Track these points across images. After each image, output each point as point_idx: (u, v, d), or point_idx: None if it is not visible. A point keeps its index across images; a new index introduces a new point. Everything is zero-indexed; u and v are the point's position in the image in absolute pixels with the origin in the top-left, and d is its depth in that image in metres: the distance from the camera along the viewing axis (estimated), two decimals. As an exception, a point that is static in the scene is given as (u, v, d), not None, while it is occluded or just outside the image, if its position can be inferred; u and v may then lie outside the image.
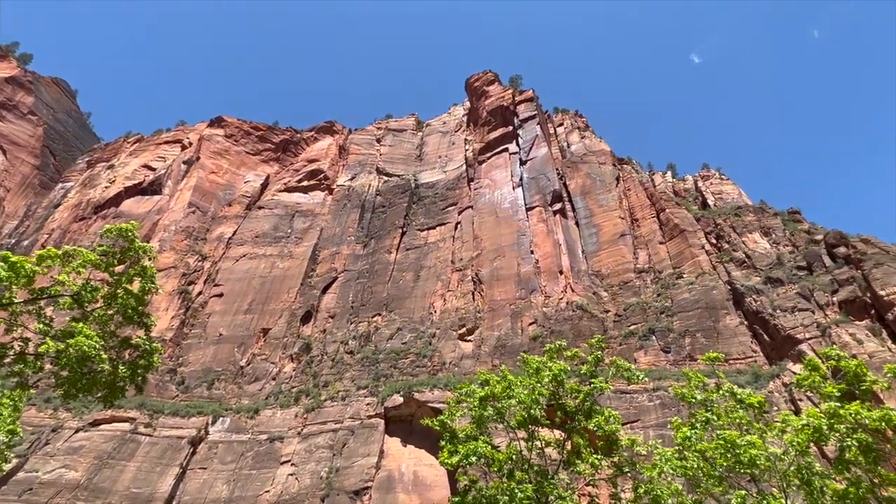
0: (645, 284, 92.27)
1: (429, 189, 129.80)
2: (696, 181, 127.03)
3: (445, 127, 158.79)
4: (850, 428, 23.59)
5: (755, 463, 22.05)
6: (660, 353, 78.33)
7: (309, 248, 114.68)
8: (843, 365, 26.48)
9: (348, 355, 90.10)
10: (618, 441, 25.86)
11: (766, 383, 65.53)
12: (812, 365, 27.19)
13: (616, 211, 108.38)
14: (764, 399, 27.35)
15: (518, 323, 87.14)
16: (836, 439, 24.38)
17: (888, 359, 59.37)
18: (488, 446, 24.60)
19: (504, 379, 27.63)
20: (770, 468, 22.91)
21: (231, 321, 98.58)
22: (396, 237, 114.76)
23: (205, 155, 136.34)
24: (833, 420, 23.23)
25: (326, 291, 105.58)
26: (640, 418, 65.22)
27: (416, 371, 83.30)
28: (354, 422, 74.52)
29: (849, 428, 23.58)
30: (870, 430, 24.43)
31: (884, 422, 24.04)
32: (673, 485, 24.08)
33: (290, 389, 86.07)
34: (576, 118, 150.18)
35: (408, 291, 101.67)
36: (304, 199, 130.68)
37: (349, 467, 67.74)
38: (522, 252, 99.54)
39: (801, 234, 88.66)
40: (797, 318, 71.18)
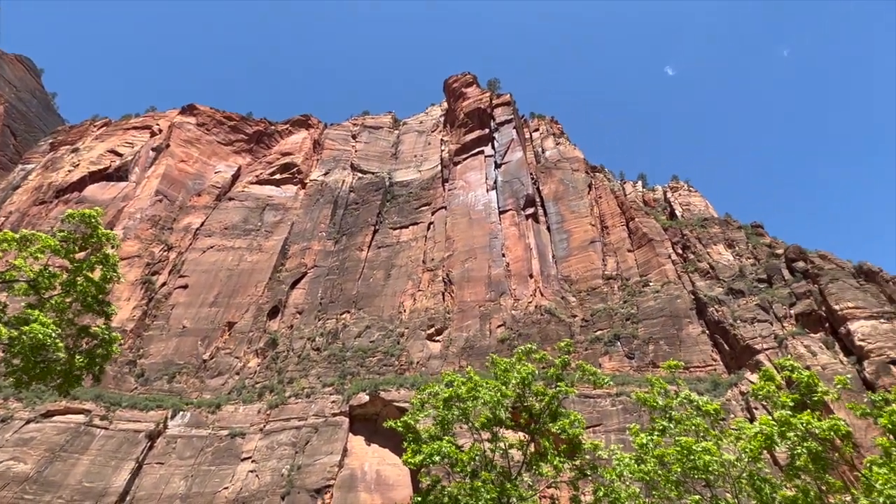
0: (612, 291, 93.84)
1: (403, 188, 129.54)
2: (665, 192, 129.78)
3: (422, 126, 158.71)
4: (801, 436, 24.44)
5: (709, 469, 22.68)
6: (624, 359, 79.77)
7: (279, 243, 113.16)
8: (797, 376, 27.41)
9: (315, 352, 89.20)
10: (580, 444, 26.26)
11: (725, 391, 67.36)
12: (768, 375, 28.06)
13: (587, 218, 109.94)
14: (721, 407, 28.12)
15: (487, 325, 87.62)
16: (788, 447, 25.22)
17: (839, 371, 61.68)
18: (452, 446, 24.67)
19: (469, 380, 27.75)
20: (724, 474, 23.59)
21: (195, 314, 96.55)
22: (368, 235, 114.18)
23: (175, 143, 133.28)
24: (785, 428, 24.04)
25: (295, 287, 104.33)
26: (603, 422, 66.28)
27: (383, 370, 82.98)
28: (319, 419, 73.79)
29: (799, 436, 24.43)
30: (819, 438, 25.34)
31: (833, 431, 24.97)
32: (631, 488, 24.58)
33: (253, 385, 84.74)
34: (551, 124, 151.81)
35: (378, 290, 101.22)
36: (276, 193, 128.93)
37: (311, 465, 67.05)
38: (494, 255, 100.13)
39: (762, 248, 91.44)
40: (756, 329, 73.35)
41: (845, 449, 28.07)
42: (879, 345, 63.10)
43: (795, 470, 24.86)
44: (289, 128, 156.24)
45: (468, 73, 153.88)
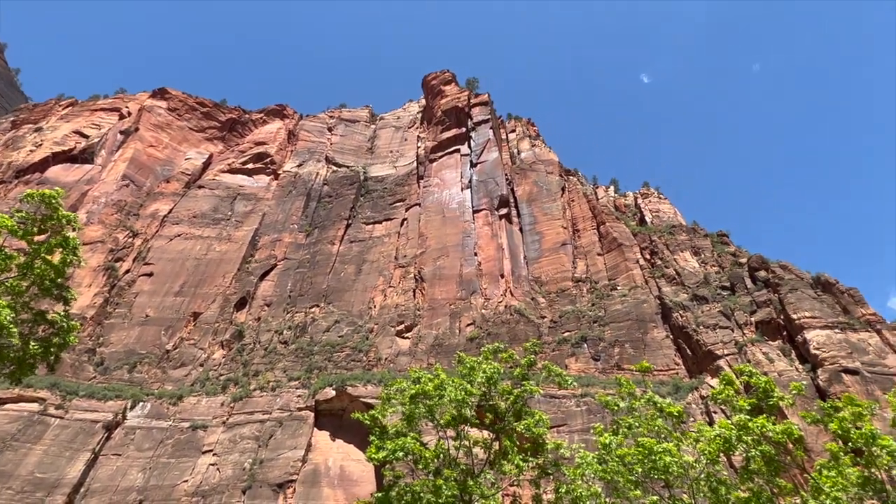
0: (581, 293, 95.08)
1: (378, 183, 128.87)
2: (636, 198, 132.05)
3: (399, 122, 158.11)
4: (756, 440, 25.21)
5: (669, 470, 23.22)
6: (590, 361, 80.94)
7: (249, 233, 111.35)
8: (755, 381, 28.26)
9: (282, 345, 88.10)
10: (544, 444, 26.58)
11: (686, 395, 68.97)
12: (727, 380, 28.86)
13: (559, 220, 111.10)
14: (682, 409, 28.81)
15: (456, 323, 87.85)
16: (743, 450, 25.99)
17: (795, 378, 63.78)
18: (417, 443, 24.69)
19: (436, 377, 27.80)
20: (683, 475, 24.18)
21: (160, 303, 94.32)
22: (341, 229, 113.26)
23: (144, 127, 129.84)
24: (741, 432, 24.77)
25: (264, 279, 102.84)
26: (567, 423, 67.17)
27: (350, 365, 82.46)
28: (283, 413, 72.93)
29: (755, 440, 25.20)
30: (773, 442, 26.18)
31: (786, 435, 25.84)
32: (592, 487, 25.00)
33: (217, 377, 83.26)
34: (528, 126, 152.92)
35: (348, 284, 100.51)
36: (248, 182, 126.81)
37: (274, 459, 66.25)
38: (466, 253, 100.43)
39: (727, 256, 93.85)
40: (718, 335, 75.30)
41: (797, 453, 29.09)
42: (833, 354, 65.45)
43: (750, 472, 25.63)
44: (263, 117, 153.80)
45: (447, 70, 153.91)
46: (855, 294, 74.88)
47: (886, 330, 68.97)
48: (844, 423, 25.71)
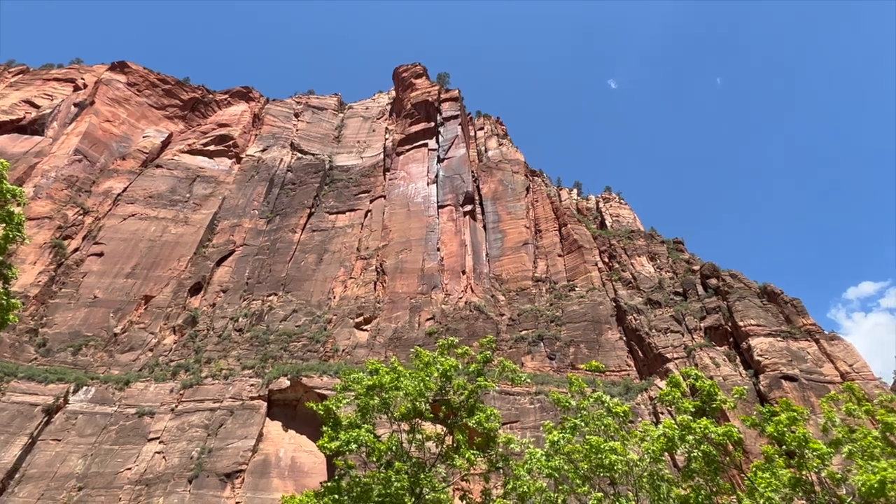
0: (540, 293, 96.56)
1: (343, 172, 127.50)
2: (598, 202, 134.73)
3: (368, 112, 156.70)
4: (698, 440, 26.21)
5: (614, 467, 23.92)
6: (545, 360, 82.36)
7: (208, 217, 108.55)
8: (700, 384, 29.35)
9: (237, 333, 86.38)
10: (495, 439, 26.97)
11: (636, 395, 71.05)
12: (674, 382, 29.84)
13: (523, 220, 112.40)
14: (630, 409, 29.68)
15: (416, 317, 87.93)
16: (686, 450, 26.98)
17: (738, 382, 66.49)
18: (370, 435, 24.67)
19: (393, 370, 27.81)
20: (627, 472, 24.95)
21: (109, 284, 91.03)
22: (303, 217, 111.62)
23: (101, 100, 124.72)
24: (685, 432, 25.70)
25: (221, 264, 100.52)
26: (520, 419, 68.24)
27: (307, 355, 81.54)
28: (235, 402, 71.57)
29: (697, 440, 26.18)
30: (714, 443, 27.28)
31: (727, 437, 26.94)
32: (539, 482, 25.52)
33: (168, 363, 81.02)
34: (496, 125, 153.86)
35: (308, 274, 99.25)
36: (209, 165, 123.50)
37: (223, 449, 65.00)
38: (429, 248, 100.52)
39: (681, 263, 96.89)
40: (669, 339, 77.76)
41: (736, 454, 30.37)
42: (774, 361, 68.50)
43: (690, 471, 26.61)
44: (228, 98, 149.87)
45: (419, 63, 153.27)
46: (798, 304, 78.47)
47: (824, 340, 72.58)
48: (780, 427, 26.96)
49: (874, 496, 23.08)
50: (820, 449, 25.39)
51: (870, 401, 31.58)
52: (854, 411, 29.21)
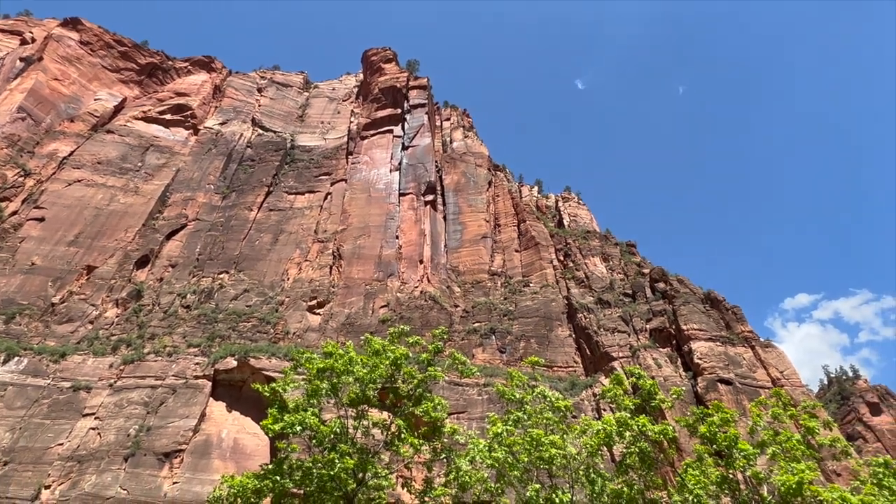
0: (495, 286, 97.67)
1: (305, 153, 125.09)
2: (557, 201, 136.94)
3: (334, 94, 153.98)
4: (635, 437, 27.27)
5: (553, 460, 24.66)
6: (496, 353, 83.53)
7: (160, 188, 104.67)
8: (641, 383, 30.48)
9: (184, 309, 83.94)
10: (441, 429, 27.33)
11: (580, 392, 73.02)
12: (617, 380, 30.90)
13: (483, 213, 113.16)
14: (573, 405, 30.59)
15: (371, 304, 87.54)
16: (624, 445, 28.03)
17: (678, 383, 69.25)
18: (316, 418, 24.58)
19: (346, 355, 27.72)
20: (565, 466, 25.75)
21: (49, 251, 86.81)
22: (261, 195, 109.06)
23: (50, 57, 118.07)
24: (623, 428, 26.71)
25: (171, 238, 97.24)
26: (468, 410, 69.13)
27: (256, 336, 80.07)
28: (178, 380, 69.68)
29: (634, 436, 27.25)
30: (651, 440, 28.42)
31: (662, 434, 28.11)
32: (480, 473, 26.06)
33: (108, 336, 78.07)
34: (463, 116, 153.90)
35: (263, 253, 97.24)
36: (164, 134, 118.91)
37: (163, 428, 63.30)
38: (388, 235, 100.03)
39: (632, 265, 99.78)
40: (615, 338, 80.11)
41: (670, 452, 31.75)
42: (712, 364, 71.62)
43: (626, 466, 27.70)
44: (188, 67, 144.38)
45: (389, 48, 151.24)
46: (738, 311, 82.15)
47: (759, 347, 76.34)
48: (712, 428, 28.31)
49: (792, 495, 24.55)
50: (747, 450, 26.78)
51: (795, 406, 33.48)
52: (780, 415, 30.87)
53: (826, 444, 29.42)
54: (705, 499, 26.14)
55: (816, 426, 29.15)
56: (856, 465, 29.71)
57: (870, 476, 26.34)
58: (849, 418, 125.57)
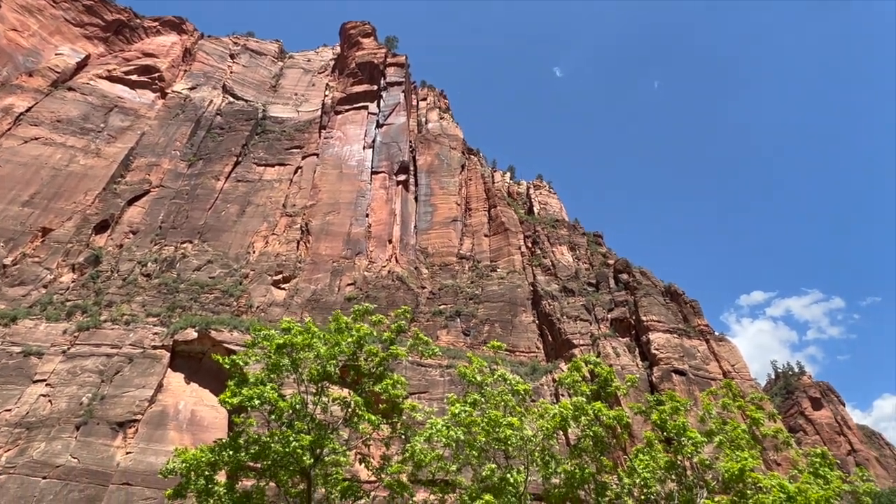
0: (463, 270, 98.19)
1: (276, 124, 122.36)
2: (529, 188, 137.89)
3: (309, 65, 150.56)
4: (590, 421, 28.10)
5: (509, 441, 25.23)
6: (460, 335, 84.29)
7: (122, 151, 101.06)
8: (599, 371, 31.34)
9: (144, 278, 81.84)
10: (400, 406, 27.59)
11: (541, 377, 74.42)
12: (576, 366, 31.69)
13: (455, 196, 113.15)
14: (532, 389, 31.23)
15: (337, 281, 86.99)
16: (579, 429, 28.85)
17: (634, 371, 71.24)
18: (275, 393, 24.46)
19: (307, 331, 27.57)
20: (521, 447, 26.38)
21: (2, 210, 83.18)
22: (229, 165, 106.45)
23: (8, 5, 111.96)
24: (578, 413, 27.49)
25: (133, 204, 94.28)
26: (430, 390, 69.76)
27: (218, 309, 78.76)
28: (135, 349, 68.13)
29: (589, 421, 28.07)
30: (605, 425, 29.32)
31: (617, 420, 29.04)
32: (436, 451, 26.48)
33: (63, 302, 75.62)
34: (439, 97, 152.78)
35: (228, 225, 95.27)
36: (129, 96, 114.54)
37: (118, 397, 61.99)
38: (358, 213, 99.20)
39: (598, 256, 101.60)
40: (577, 326, 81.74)
41: (623, 437, 32.80)
42: (668, 355, 73.86)
43: (579, 450, 28.55)
44: (157, 27, 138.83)
45: (368, 23, 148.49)
46: (695, 305, 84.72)
47: (713, 340, 79.08)
48: (663, 415, 29.39)
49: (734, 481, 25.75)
50: (695, 438, 27.89)
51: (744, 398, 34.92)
52: (729, 406, 32.18)
53: (769, 435, 30.83)
54: (653, 482, 27.19)
55: (762, 418, 30.51)
56: (795, 455, 31.25)
57: (807, 466, 27.77)
58: (792, 411, 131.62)
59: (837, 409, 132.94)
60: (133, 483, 55.28)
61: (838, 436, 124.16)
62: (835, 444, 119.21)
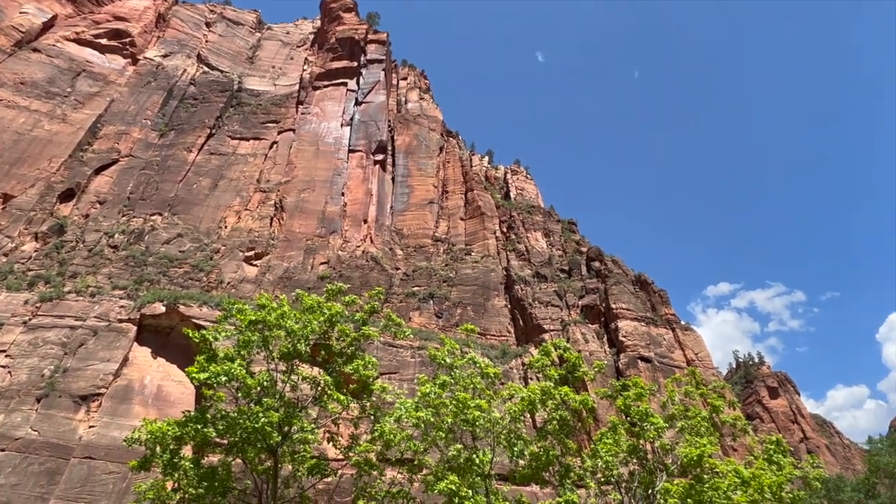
0: (437, 252, 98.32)
1: (253, 97, 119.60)
2: (506, 173, 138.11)
3: (288, 38, 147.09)
4: (557, 405, 28.67)
5: (476, 423, 25.62)
6: (433, 317, 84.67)
7: (90, 118, 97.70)
8: (568, 356, 31.91)
9: (111, 249, 79.87)
10: (370, 387, 27.69)
11: (511, 360, 75.44)
12: (545, 351, 32.16)
13: (432, 178, 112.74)
14: (502, 372, 31.68)
15: (311, 259, 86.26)
16: (546, 413, 29.41)
17: (602, 358, 72.76)
18: (243, 370, 24.27)
19: (280, 308, 27.34)
20: (489, 429, 26.81)
21: (-40, 174, 79.93)
22: (202, 137, 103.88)
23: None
24: (546, 397, 28.02)
25: (101, 173, 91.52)
26: (400, 371, 70.12)
27: (188, 283, 77.45)
28: (100, 322, 66.67)
29: (556, 404, 28.64)
30: (572, 409, 29.95)
31: (582, 404, 29.69)
32: (405, 431, 26.74)
33: (25, 271, 73.41)
34: (420, 78, 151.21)
35: (200, 198, 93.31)
36: (98, 60, 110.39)
37: (81, 370, 60.76)
38: (333, 191, 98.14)
39: (571, 243, 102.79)
40: (549, 311, 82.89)
41: (588, 421, 33.55)
42: (635, 342, 75.54)
43: (545, 432, 29.14)
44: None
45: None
46: (664, 295, 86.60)
47: (679, 329, 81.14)
48: (628, 401, 30.14)
49: (692, 466, 26.65)
50: (657, 423, 28.70)
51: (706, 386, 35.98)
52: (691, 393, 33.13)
53: (728, 423, 31.91)
54: (615, 465, 27.96)
55: (722, 406, 31.51)
56: (752, 442, 32.43)
57: (762, 452, 28.88)
58: (750, 399, 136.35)
59: (793, 399, 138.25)
60: (95, 457, 54.52)
61: (792, 424, 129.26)
62: (789, 431, 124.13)
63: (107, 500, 52.49)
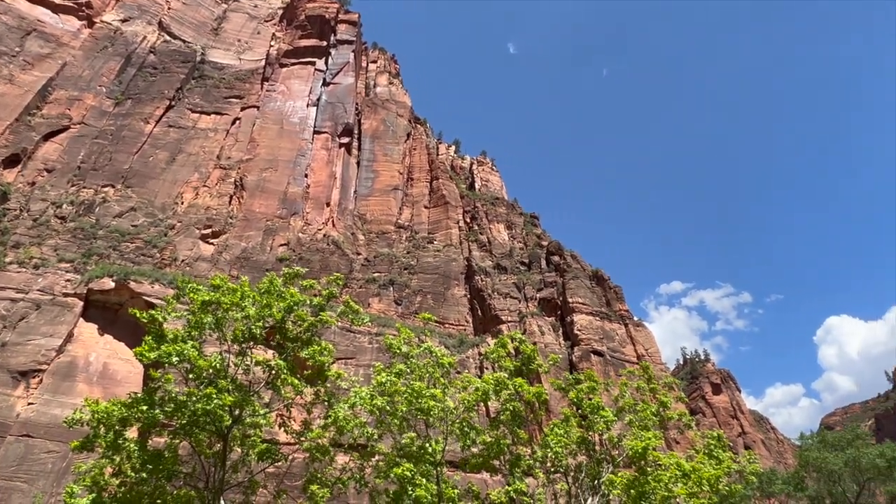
0: (400, 239, 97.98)
1: (216, 70, 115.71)
2: (472, 163, 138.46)
3: (256, 11, 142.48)
4: (511, 396, 29.11)
5: (430, 412, 25.78)
6: (392, 304, 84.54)
7: (40, 81, 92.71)
8: (523, 348, 32.37)
9: (58, 220, 76.44)
10: (325, 372, 27.45)
11: (468, 349, 76.14)
12: (501, 342, 32.55)
13: (398, 165, 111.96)
14: (458, 362, 31.96)
15: (270, 240, 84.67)
16: (500, 403, 29.84)
17: (556, 350, 74.25)
18: (195, 351, 23.64)
19: (239, 290, 26.65)
20: (442, 418, 27.01)
21: None
22: (160, 108, 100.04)
23: None
24: (500, 387, 28.41)
25: (50, 139, 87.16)
26: (357, 357, 69.90)
27: (139, 259, 74.96)
28: (44, 296, 63.95)
29: (510, 395, 29.07)
30: (525, 400, 30.47)
31: (536, 396, 30.23)
32: (359, 419, 26.70)
33: (-38, 239, 69.58)
34: (390, 62, 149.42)
35: (156, 172, 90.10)
36: (51, 21, 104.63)
37: (22, 345, 58.26)
38: (297, 172, 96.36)
39: (532, 237, 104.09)
40: (507, 303, 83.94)
41: (540, 412, 34.22)
42: (589, 336, 77.35)
43: (498, 422, 29.57)
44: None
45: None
46: (619, 291, 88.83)
47: (632, 325, 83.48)
48: (580, 394, 30.88)
49: (638, 458, 27.56)
50: (607, 416, 29.52)
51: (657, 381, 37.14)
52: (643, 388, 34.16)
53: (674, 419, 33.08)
54: (563, 455, 28.65)
55: (670, 401, 32.61)
56: (694, 436, 33.66)
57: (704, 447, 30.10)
58: (694, 395, 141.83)
59: (734, 395, 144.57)
60: (34, 435, 52.57)
61: (732, 419, 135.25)
62: (728, 426, 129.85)
63: (45, 479, 50.72)
